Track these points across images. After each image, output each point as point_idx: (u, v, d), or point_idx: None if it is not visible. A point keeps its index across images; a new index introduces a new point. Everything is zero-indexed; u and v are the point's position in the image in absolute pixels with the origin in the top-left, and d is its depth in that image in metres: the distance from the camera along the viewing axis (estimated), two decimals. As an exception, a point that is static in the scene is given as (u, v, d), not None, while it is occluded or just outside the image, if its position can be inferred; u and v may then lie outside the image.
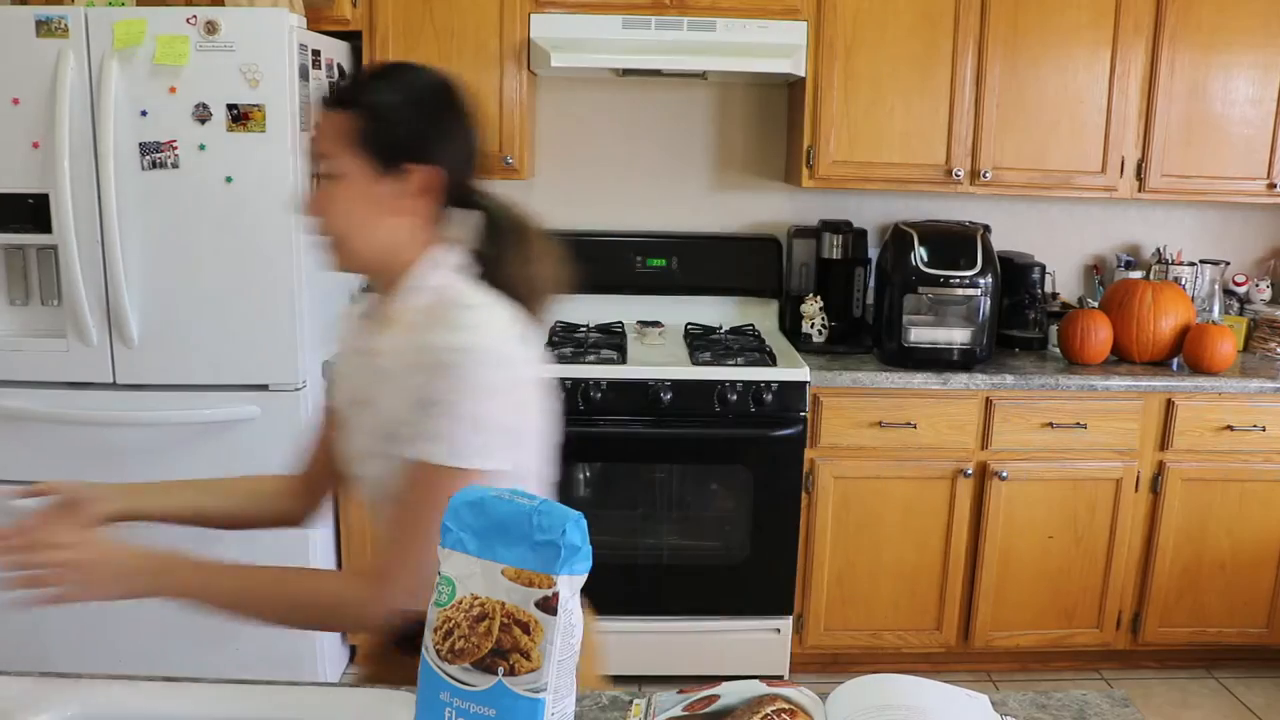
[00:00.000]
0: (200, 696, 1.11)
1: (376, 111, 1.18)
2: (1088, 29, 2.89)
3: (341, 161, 1.17)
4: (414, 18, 2.82)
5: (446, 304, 1.18)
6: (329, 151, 1.18)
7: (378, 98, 1.19)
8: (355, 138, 1.17)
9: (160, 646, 2.66)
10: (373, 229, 1.20)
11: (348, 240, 1.21)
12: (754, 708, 0.99)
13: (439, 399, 1.12)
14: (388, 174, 1.18)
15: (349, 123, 1.17)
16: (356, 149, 1.17)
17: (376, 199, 1.19)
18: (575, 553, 0.87)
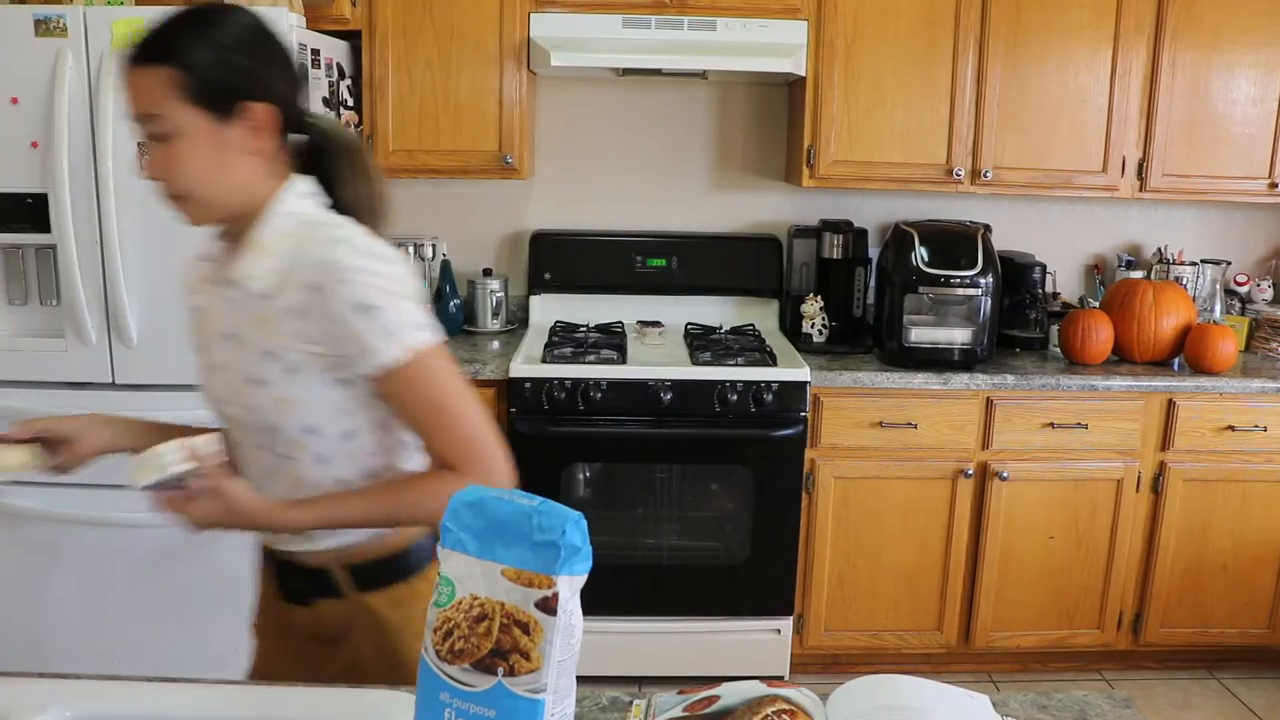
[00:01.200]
0: (200, 696, 1.11)
1: (196, 61, 1.14)
2: (1089, 28, 2.88)
3: (173, 119, 1.14)
4: (413, 17, 2.82)
5: (315, 223, 1.21)
6: (156, 110, 1.14)
7: (194, 47, 1.15)
8: (182, 92, 1.14)
9: (160, 647, 2.66)
10: (222, 176, 1.18)
11: (200, 193, 1.18)
12: (754, 708, 0.99)
13: (368, 304, 1.15)
14: (225, 119, 1.16)
15: (170, 78, 1.13)
16: (186, 102, 1.14)
17: (220, 146, 1.17)
18: (575, 553, 0.87)
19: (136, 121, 1.16)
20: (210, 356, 1.29)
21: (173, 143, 1.15)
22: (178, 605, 2.64)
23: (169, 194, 1.19)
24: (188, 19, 1.16)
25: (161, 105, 1.14)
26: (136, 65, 1.14)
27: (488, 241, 3.32)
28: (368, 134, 2.89)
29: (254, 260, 1.21)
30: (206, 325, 1.29)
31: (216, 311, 1.26)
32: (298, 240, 1.19)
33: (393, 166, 2.92)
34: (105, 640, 2.66)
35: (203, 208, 1.20)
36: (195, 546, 2.61)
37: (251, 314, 1.21)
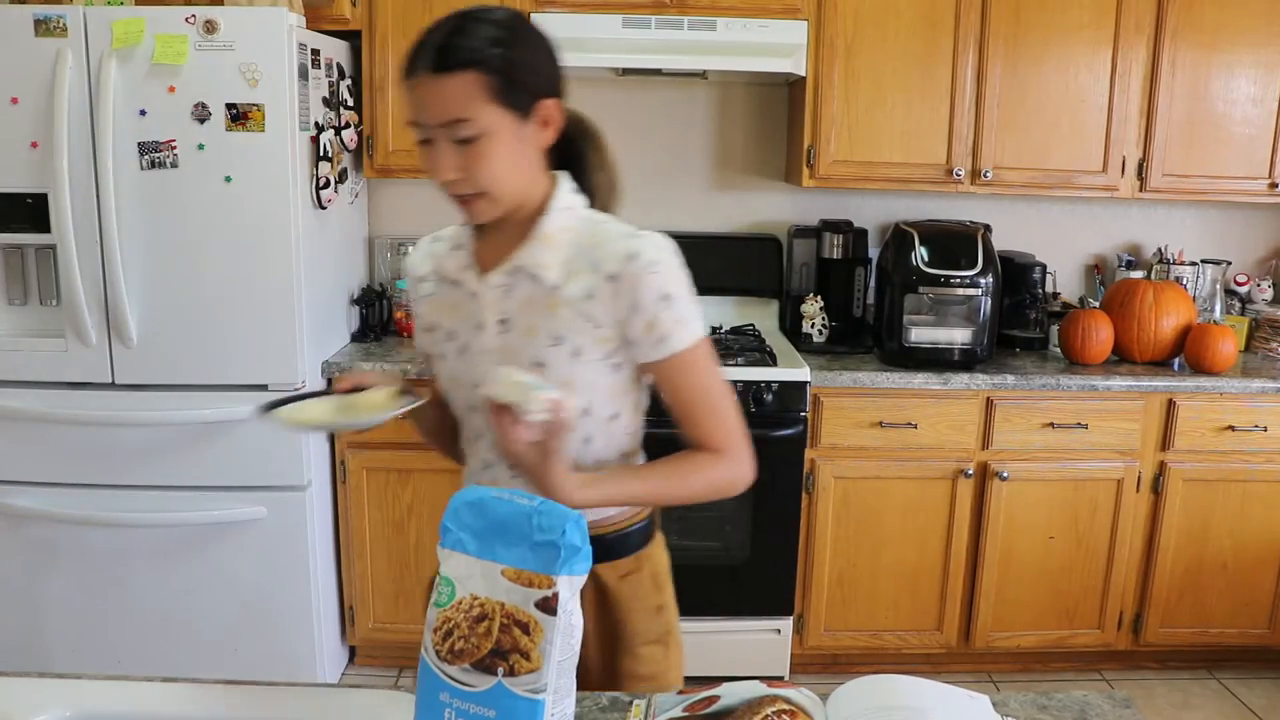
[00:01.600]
0: (200, 696, 1.11)
1: (501, 64, 1.18)
2: (1089, 28, 2.88)
3: (479, 121, 1.18)
4: (413, 17, 2.81)
5: (595, 219, 1.30)
6: (465, 115, 1.17)
7: (495, 50, 1.19)
8: (488, 93, 1.18)
9: (160, 646, 2.66)
10: (518, 173, 1.25)
11: (498, 190, 1.23)
12: (754, 708, 0.99)
13: (669, 294, 1.25)
14: (524, 117, 1.22)
15: (477, 81, 1.17)
16: (492, 103, 1.18)
17: (519, 143, 1.23)
18: (575, 553, 0.87)
19: (436, 127, 1.18)
20: (474, 341, 1.31)
21: (477, 143, 1.19)
22: (178, 605, 2.64)
23: (463, 193, 1.23)
24: (473, 22, 1.19)
25: (469, 109, 1.17)
26: (438, 73, 1.17)
27: (488, 241, 3.32)
28: (368, 134, 2.89)
29: (544, 251, 1.26)
30: (470, 311, 1.32)
31: (489, 299, 1.30)
32: (581, 233, 1.27)
33: (393, 167, 2.92)
34: (105, 640, 2.66)
35: (494, 204, 1.25)
36: (195, 546, 2.61)
37: (539, 301, 1.26)
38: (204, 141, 2.40)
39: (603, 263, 1.24)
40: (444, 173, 1.20)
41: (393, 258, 3.23)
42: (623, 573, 1.36)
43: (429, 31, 1.20)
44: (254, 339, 2.51)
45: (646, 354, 1.26)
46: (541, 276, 1.26)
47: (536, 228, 1.28)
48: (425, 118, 1.19)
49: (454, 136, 1.19)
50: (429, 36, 1.19)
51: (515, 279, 1.28)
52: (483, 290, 1.30)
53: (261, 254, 2.47)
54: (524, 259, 1.27)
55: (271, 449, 2.57)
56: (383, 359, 2.78)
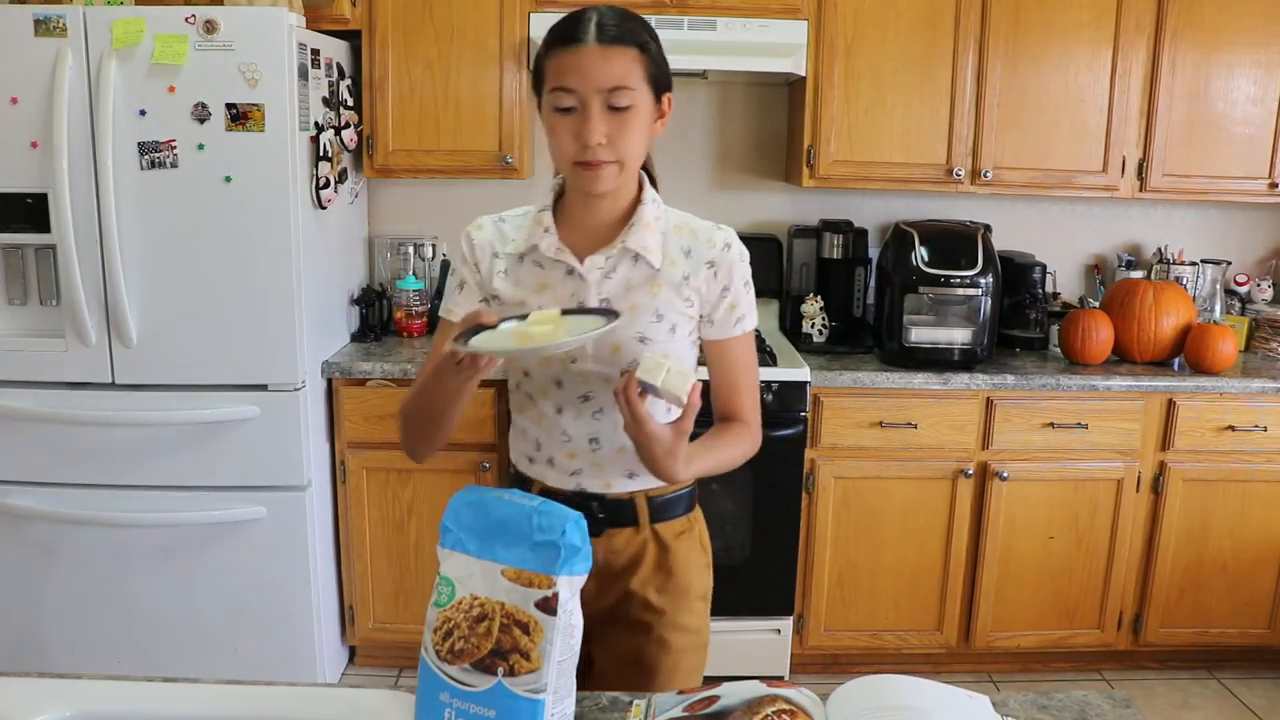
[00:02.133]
0: (200, 696, 1.11)
1: (651, 48, 1.32)
2: (1089, 28, 2.88)
3: (636, 94, 1.30)
4: (413, 17, 2.82)
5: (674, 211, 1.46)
6: (628, 85, 1.29)
7: (649, 37, 1.33)
8: (643, 72, 1.31)
9: (160, 646, 2.66)
10: (643, 152, 1.37)
11: (630, 164, 1.34)
12: (754, 708, 0.99)
13: (748, 280, 1.45)
14: (656, 104, 1.35)
15: (638, 59, 1.30)
16: (644, 82, 1.31)
17: (649, 126, 1.35)
18: (575, 553, 0.87)
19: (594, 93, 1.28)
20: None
21: (626, 114, 1.30)
22: (178, 605, 2.64)
23: (603, 159, 1.31)
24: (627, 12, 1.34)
25: (629, 80, 1.29)
26: (612, 43, 1.29)
27: (488, 241, 3.31)
28: (368, 134, 2.89)
29: (647, 235, 1.40)
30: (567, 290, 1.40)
31: (593, 279, 1.39)
32: (666, 222, 1.43)
33: (393, 166, 2.92)
34: (105, 640, 2.66)
35: (620, 174, 1.34)
36: (195, 546, 2.61)
37: (641, 281, 1.40)
38: (204, 141, 2.40)
39: (699, 250, 1.42)
40: (594, 135, 1.28)
41: (392, 258, 3.23)
42: (678, 531, 1.48)
43: (587, 10, 1.31)
44: (254, 339, 2.51)
45: (723, 331, 1.43)
46: (647, 258, 1.39)
47: (637, 214, 1.40)
48: (585, 83, 1.28)
49: (610, 104, 1.29)
50: (591, 13, 1.31)
51: (618, 261, 1.39)
52: (587, 270, 1.39)
53: (261, 254, 2.47)
54: (631, 242, 1.39)
55: (272, 451, 2.57)
56: (383, 359, 2.78)
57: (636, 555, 1.46)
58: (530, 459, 1.49)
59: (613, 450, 1.43)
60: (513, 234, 1.45)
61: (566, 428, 1.43)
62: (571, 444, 1.44)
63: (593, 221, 1.41)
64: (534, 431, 1.47)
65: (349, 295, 3.02)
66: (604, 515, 1.44)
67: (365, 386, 2.72)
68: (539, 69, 1.36)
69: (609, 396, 1.39)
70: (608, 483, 1.44)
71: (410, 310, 3.10)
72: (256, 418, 2.54)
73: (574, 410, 1.42)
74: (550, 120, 1.32)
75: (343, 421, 2.73)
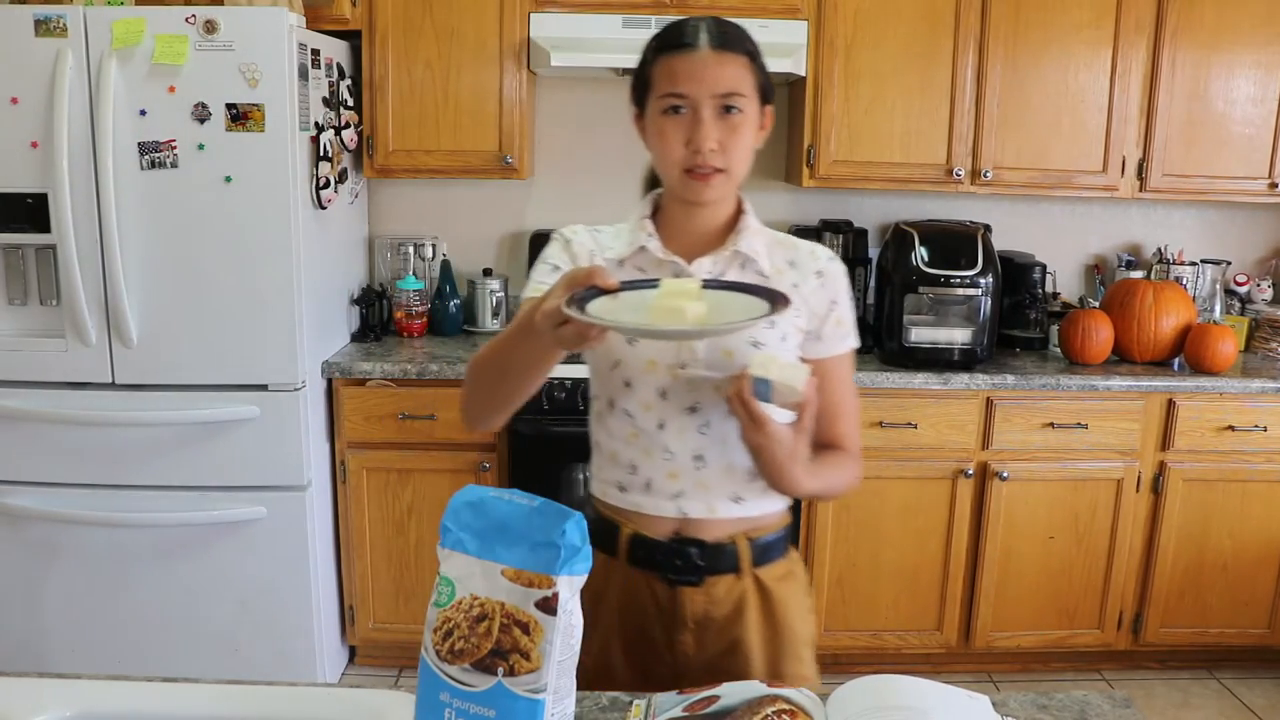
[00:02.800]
0: (200, 697, 1.11)
1: (759, 58, 1.31)
2: (1089, 28, 2.88)
3: (747, 102, 1.28)
4: (413, 17, 2.82)
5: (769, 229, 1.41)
6: (741, 91, 1.27)
7: (755, 46, 1.31)
8: (753, 82, 1.29)
9: (160, 646, 2.66)
10: (748, 163, 1.34)
11: (737, 173, 1.32)
12: (754, 708, 0.99)
13: (851, 296, 1.39)
14: (760, 115, 1.33)
15: (749, 68, 1.29)
16: (753, 92, 1.29)
17: (754, 136, 1.33)
18: (575, 553, 0.87)
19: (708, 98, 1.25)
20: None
21: (737, 122, 1.28)
22: (178, 605, 2.64)
23: (714, 165, 1.28)
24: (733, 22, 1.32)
25: (743, 87, 1.28)
26: (723, 50, 1.27)
27: (488, 241, 3.32)
28: (368, 134, 2.89)
29: (755, 241, 1.36)
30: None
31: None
32: (768, 233, 1.40)
33: (393, 166, 2.92)
34: (105, 640, 2.66)
35: (727, 183, 1.31)
36: (195, 546, 2.61)
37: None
38: (204, 141, 2.40)
39: (803, 261, 1.37)
40: (708, 140, 1.26)
41: (392, 258, 3.23)
42: (780, 575, 1.38)
43: (696, 18, 1.30)
44: (254, 339, 2.51)
45: (830, 347, 1.36)
46: (758, 263, 1.34)
47: (742, 223, 1.37)
48: (699, 88, 1.26)
49: (721, 110, 1.27)
50: (701, 20, 1.29)
51: (727, 266, 1.34)
52: (696, 272, 1.33)
53: (261, 254, 2.47)
54: (742, 246, 1.34)
55: (272, 451, 2.57)
56: (383, 359, 2.78)
57: (739, 604, 1.35)
58: (622, 487, 1.36)
59: (719, 468, 1.32)
60: (610, 242, 1.40)
61: (669, 444, 1.32)
62: (674, 462, 1.32)
63: (695, 232, 1.37)
64: (628, 453, 1.35)
65: (349, 295, 3.02)
66: (704, 563, 1.33)
67: (365, 386, 2.72)
68: (643, 76, 1.32)
69: (717, 407, 1.30)
70: (711, 507, 1.33)
71: (410, 310, 3.10)
72: (256, 418, 2.54)
73: (678, 424, 1.31)
74: (658, 126, 1.29)
75: (343, 421, 2.74)
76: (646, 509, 1.34)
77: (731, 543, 1.34)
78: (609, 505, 1.38)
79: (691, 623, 1.34)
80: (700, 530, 1.33)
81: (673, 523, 1.34)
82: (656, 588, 1.34)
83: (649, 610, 1.35)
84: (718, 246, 1.35)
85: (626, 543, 1.35)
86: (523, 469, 2.72)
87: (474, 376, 1.32)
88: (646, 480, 1.34)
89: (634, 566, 1.35)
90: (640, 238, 1.36)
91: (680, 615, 1.34)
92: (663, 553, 1.34)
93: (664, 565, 1.33)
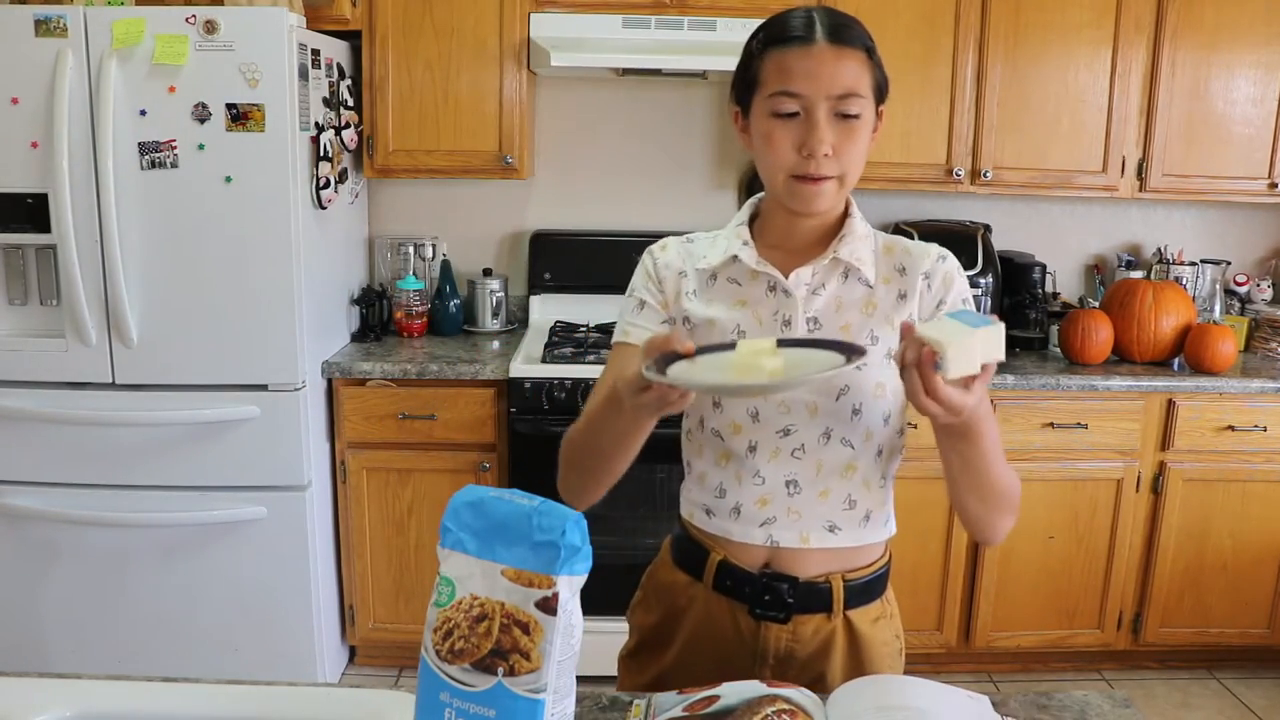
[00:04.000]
0: (200, 696, 1.11)
1: (875, 54, 1.20)
2: (1089, 28, 2.88)
3: (864, 103, 1.17)
4: (413, 17, 2.82)
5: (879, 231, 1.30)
6: (858, 91, 1.16)
7: (871, 40, 1.20)
8: (870, 80, 1.18)
9: (160, 647, 2.66)
10: (862, 168, 1.21)
11: (851, 178, 1.20)
12: (754, 708, 0.99)
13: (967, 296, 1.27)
14: (877, 117, 1.21)
15: (867, 65, 1.18)
16: (870, 91, 1.18)
17: (869, 139, 1.20)
18: (575, 553, 0.87)
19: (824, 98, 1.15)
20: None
21: (853, 123, 1.17)
22: (178, 605, 2.64)
23: (826, 173, 1.17)
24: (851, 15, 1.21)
25: (860, 86, 1.16)
26: (840, 45, 1.16)
27: (488, 241, 3.32)
28: (368, 134, 2.89)
29: (860, 248, 1.25)
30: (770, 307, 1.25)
31: (800, 294, 1.24)
32: (878, 242, 1.28)
33: (393, 166, 2.92)
34: (105, 640, 2.66)
35: (840, 191, 1.21)
36: (195, 546, 2.61)
37: (853, 299, 1.25)
38: (204, 141, 2.40)
39: (912, 266, 1.25)
40: (822, 144, 1.15)
41: (393, 258, 3.23)
42: (874, 617, 1.30)
43: (806, 8, 1.20)
44: (254, 339, 2.51)
45: None
46: (862, 272, 1.24)
47: (847, 227, 1.25)
48: (815, 87, 1.14)
49: (839, 110, 1.16)
50: (814, 11, 1.18)
51: (827, 276, 1.25)
52: (793, 285, 1.24)
53: (261, 254, 2.47)
54: (843, 253, 1.24)
55: (273, 451, 2.57)
56: (383, 359, 2.78)
57: (825, 644, 1.27)
58: (709, 511, 1.28)
59: (813, 495, 1.24)
60: (704, 251, 1.30)
61: (760, 468, 1.24)
62: (765, 487, 1.24)
63: (796, 239, 1.26)
64: (717, 476, 1.27)
65: (349, 295, 3.02)
66: (794, 600, 1.25)
67: (365, 386, 2.73)
68: (749, 72, 1.21)
69: (812, 431, 1.23)
70: (804, 536, 1.24)
71: (410, 310, 3.10)
72: (257, 418, 2.54)
73: (770, 447, 1.23)
74: (765, 128, 1.18)
75: (343, 421, 2.74)
76: (735, 536, 1.27)
77: (826, 581, 1.25)
78: (697, 528, 1.31)
79: (773, 659, 1.27)
80: (792, 564, 1.25)
81: (763, 552, 1.26)
82: (740, 619, 1.27)
83: (729, 639, 1.29)
84: (819, 254, 1.25)
85: (714, 569, 1.28)
86: (523, 469, 2.72)
87: (569, 457, 1.28)
88: (736, 504, 1.26)
89: (720, 594, 1.28)
90: (735, 246, 1.27)
91: (762, 650, 1.27)
92: (752, 585, 1.26)
93: (752, 599, 1.26)
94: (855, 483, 1.25)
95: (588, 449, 1.25)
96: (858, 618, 1.27)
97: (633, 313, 1.30)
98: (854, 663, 1.28)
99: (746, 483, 1.25)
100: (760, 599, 1.25)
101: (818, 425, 1.23)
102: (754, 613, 1.26)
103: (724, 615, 1.28)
